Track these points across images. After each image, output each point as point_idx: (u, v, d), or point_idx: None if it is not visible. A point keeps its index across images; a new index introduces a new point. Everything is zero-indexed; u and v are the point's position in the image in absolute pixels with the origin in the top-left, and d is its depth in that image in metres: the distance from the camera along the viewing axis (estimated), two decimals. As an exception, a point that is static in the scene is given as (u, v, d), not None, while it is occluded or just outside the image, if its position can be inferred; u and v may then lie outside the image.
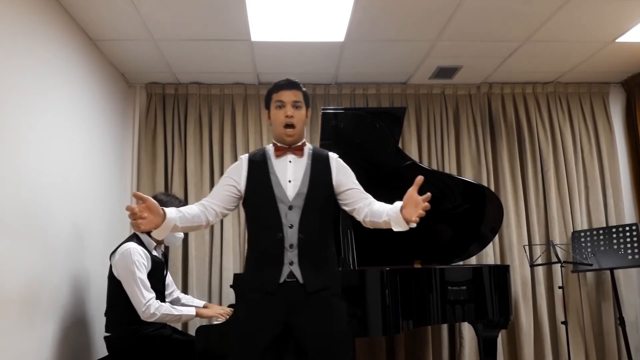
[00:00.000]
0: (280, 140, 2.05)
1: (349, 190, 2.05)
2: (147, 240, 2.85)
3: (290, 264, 1.93)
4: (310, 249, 1.95)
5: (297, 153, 2.05)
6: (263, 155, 2.08)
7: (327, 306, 1.94)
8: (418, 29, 3.33)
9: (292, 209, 1.96)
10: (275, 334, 1.90)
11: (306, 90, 2.14)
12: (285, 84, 2.06)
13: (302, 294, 1.92)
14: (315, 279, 1.93)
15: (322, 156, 2.09)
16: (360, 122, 3.04)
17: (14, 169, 2.38)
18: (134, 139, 4.12)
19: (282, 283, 1.92)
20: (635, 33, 3.48)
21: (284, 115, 2.01)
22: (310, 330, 1.90)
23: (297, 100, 2.04)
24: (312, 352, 1.90)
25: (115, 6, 2.95)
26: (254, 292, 1.96)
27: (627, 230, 3.75)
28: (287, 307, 1.91)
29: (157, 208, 1.81)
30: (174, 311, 2.73)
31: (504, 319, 3.03)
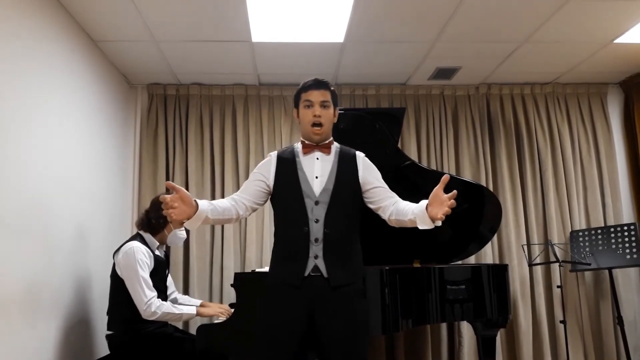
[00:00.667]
0: (308, 138, 2.11)
1: (374, 188, 2.10)
2: (150, 240, 2.87)
3: (315, 258, 1.98)
4: (335, 243, 2.00)
5: (324, 151, 2.10)
6: (292, 152, 2.13)
7: (350, 304, 1.98)
8: (417, 30, 3.36)
9: (319, 204, 2.01)
10: (302, 326, 1.94)
11: (335, 89, 2.19)
12: (314, 84, 2.11)
13: (327, 288, 1.96)
14: (339, 274, 1.98)
15: (349, 154, 2.14)
16: (359, 123, 3.05)
17: (16, 169, 2.40)
18: (136, 140, 4.14)
19: (306, 277, 1.97)
20: (634, 34, 3.49)
21: (312, 114, 2.07)
22: (332, 327, 1.94)
23: (325, 100, 2.10)
24: (332, 348, 1.94)
25: (116, 7, 2.97)
26: (279, 285, 2.00)
27: (625, 229, 3.76)
28: (311, 301, 1.95)
29: (189, 199, 1.86)
30: (175, 310, 2.75)
31: (502, 318, 3.05)
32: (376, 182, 2.12)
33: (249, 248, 4.00)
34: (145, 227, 2.88)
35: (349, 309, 1.97)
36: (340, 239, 2.02)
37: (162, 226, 2.88)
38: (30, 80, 2.55)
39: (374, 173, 2.14)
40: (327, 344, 1.94)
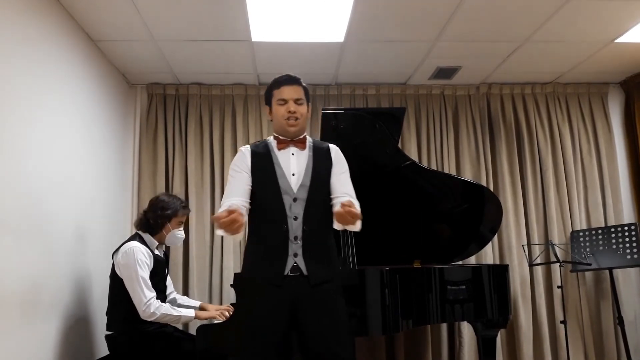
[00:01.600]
0: (283, 132, 2.06)
1: (333, 181, 2.06)
2: (149, 240, 2.86)
3: (294, 256, 1.96)
4: (314, 240, 1.98)
5: (299, 146, 2.07)
6: (266, 147, 2.09)
7: (331, 301, 1.97)
8: (417, 29, 3.35)
9: (297, 200, 1.99)
10: (282, 326, 1.93)
11: (307, 86, 2.15)
12: (287, 80, 2.07)
13: (307, 286, 1.94)
14: (318, 271, 1.96)
15: (323, 148, 2.11)
16: (360, 123, 3.05)
17: (16, 170, 2.39)
18: (135, 139, 4.13)
19: (286, 275, 1.95)
20: (634, 34, 3.49)
21: (287, 110, 2.03)
22: (315, 323, 1.93)
23: (299, 98, 2.06)
24: (317, 345, 1.92)
25: (116, 7, 2.96)
26: (260, 285, 1.97)
27: (625, 230, 3.76)
28: (291, 300, 1.94)
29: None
30: (174, 312, 2.74)
31: (503, 319, 3.05)
32: (338, 174, 2.07)
33: (249, 248, 3.98)
34: (144, 227, 2.88)
35: (330, 307, 1.96)
36: (319, 235, 2.00)
37: (160, 226, 2.88)
38: (29, 80, 2.54)
39: (341, 166, 2.10)
40: (311, 343, 1.93)
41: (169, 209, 2.87)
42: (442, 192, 3.32)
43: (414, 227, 3.33)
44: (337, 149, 2.15)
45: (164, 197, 2.93)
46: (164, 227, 2.88)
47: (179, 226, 2.95)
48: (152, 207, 2.89)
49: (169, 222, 2.88)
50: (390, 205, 3.27)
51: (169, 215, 2.87)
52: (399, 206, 3.29)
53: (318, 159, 2.05)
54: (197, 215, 3.97)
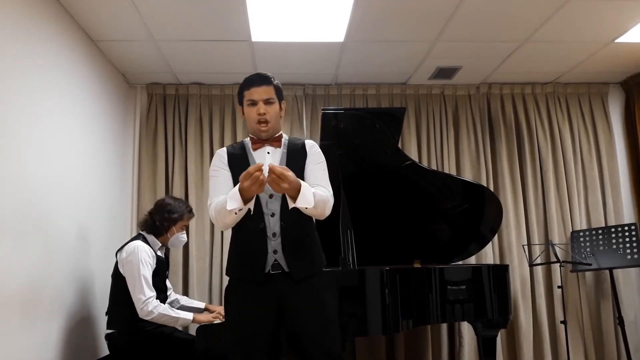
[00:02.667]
0: (256, 135, 2.06)
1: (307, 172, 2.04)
2: (153, 241, 2.88)
3: (274, 253, 1.95)
4: (293, 236, 1.97)
5: (274, 144, 2.06)
6: (242, 148, 2.09)
7: (316, 296, 1.96)
8: (418, 29, 3.35)
9: (273, 197, 1.97)
10: (269, 325, 1.92)
11: (279, 84, 2.10)
12: (256, 80, 2.02)
13: (290, 283, 1.93)
14: (300, 267, 1.95)
15: (298, 144, 2.10)
16: (360, 123, 3.04)
17: (16, 170, 2.39)
18: (135, 140, 4.13)
19: (267, 273, 1.94)
20: (634, 33, 3.49)
21: (257, 113, 2.00)
22: (301, 318, 1.92)
23: (269, 98, 2.02)
24: (304, 340, 1.92)
25: (116, 7, 2.96)
26: (243, 284, 1.97)
27: (626, 230, 3.76)
28: (276, 298, 1.93)
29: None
30: (172, 313, 2.74)
31: (503, 319, 3.04)
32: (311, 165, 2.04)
33: (249, 248, 3.98)
34: (149, 228, 2.89)
35: (316, 302, 1.95)
36: (298, 231, 1.99)
37: (165, 229, 2.89)
38: (29, 80, 2.54)
39: (315, 158, 2.07)
40: (298, 339, 1.93)
41: (176, 212, 2.89)
42: (442, 192, 3.32)
43: (414, 227, 3.33)
44: (313, 143, 2.13)
45: (171, 201, 2.95)
46: (168, 230, 2.90)
47: (183, 230, 2.97)
48: (159, 209, 2.90)
49: (174, 226, 2.91)
50: (390, 205, 3.27)
51: (175, 219, 2.89)
52: (399, 206, 3.29)
53: (292, 155, 2.04)
54: (197, 216, 3.96)
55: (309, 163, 2.05)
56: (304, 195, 1.83)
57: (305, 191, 1.84)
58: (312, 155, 2.08)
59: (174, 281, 3.77)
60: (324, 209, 1.94)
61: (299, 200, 1.83)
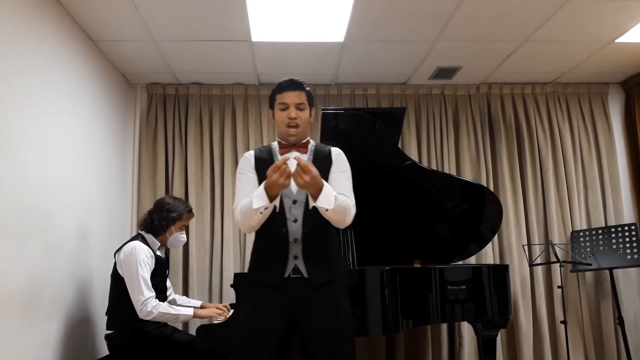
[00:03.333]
0: (284, 139, 2.08)
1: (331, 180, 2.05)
2: (152, 240, 2.88)
3: (294, 259, 1.96)
4: (314, 243, 1.98)
5: (301, 150, 2.07)
6: (269, 152, 2.11)
7: (332, 301, 1.96)
8: (418, 29, 3.35)
9: (296, 203, 1.99)
10: (283, 328, 1.93)
11: (311, 90, 2.14)
12: (289, 85, 2.06)
13: (307, 288, 1.94)
14: (319, 273, 1.96)
15: (324, 152, 2.11)
16: (360, 123, 3.05)
17: (15, 170, 2.39)
18: (135, 140, 4.13)
19: (287, 278, 1.95)
20: (634, 33, 3.49)
21: (287, 117, 2.03)
22: (316, 325, 1.93)
23: (301, 103, 2.05)
24: (316, 347, 1.92)
25: (116, 7, 2.96)
26: (260, 287, 1.98)
27: (626, 230, 3.76)
28: (292, 302, 1.94)
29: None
30: (172, 310, 2.75)
31: (503, 319, 3.04)
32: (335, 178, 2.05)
33: (249, 248, 3.97)
34: (148, 228, 2.89)
35: (331, 308, 1.95)
36: (319, 237, 2.00)
37: (164, 228, 2.89)
38: (29, 80, 2.54)
39: (340, 166, 2.09)
40: (311, 344, 1.93)
41: (174, 212, 2.89)
42: (442, 192, 3.32)
43: (414, 227, 3.33)
44: (340, 151, 2.14)
45: (170, 200, 2.95)
46: (167, 229, 2.90)
47: (182, 230, 2.97)
48: (158, 208, 2.90)
49: (172, 225, 2.90)
50: (390, 205, 3.27)
51: (174, 218, 2.89)
52: (399, 206, 3.29)
53: (318, 162, 2.04)
54: (197, 216, 3.96)
55: (334, 171, 2.06)
56: (326, 194, 1.84)
57: (328, 191, 1.85)
58: (338, 163, 2.09)
59: (174, 281, 3.77)
60: (345, 215, 1.94)
61: (320, 199, 1.84)
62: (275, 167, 1.78)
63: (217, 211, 4.04)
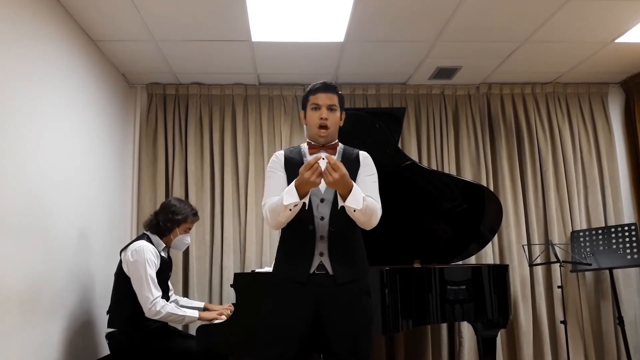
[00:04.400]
0: (314, 139, 2.12)
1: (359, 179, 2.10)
2: (157, 241, 2.89)
3: (320, 255, 2.00)
4: (340, 241, 2.02)
5: (330, 151, 2.12)
6: (299, 152, 2.16)
7: (356, 301, 1.99)
8: (417, 29, 3.35)
9: (324, 201, 2.04)
10: (307, 323, 1.96)
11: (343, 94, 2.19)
12: (322, 87, 2.11)
13: (332, 285, 1.97)
14: (344, 271, 1.99)
15: (352, 154, 2.17)
16: (360, 123, 3.04)
17: (15, 170, 2.39)
18: (135, 139, 4.14)
19: (312, 274, 1.98)
20: (635, 33, 3.49)
21: (319, 117, 2.07)
22: (338, 323, 1.95)
23: (333, 104, 2.10)
24: (338, 343, 1.95)
25: (116, 7, 2.96)
26: (285, 282, 2.01)
27: (626, 230, 3.76)
28: (316, 298, 1.97)
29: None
30: (179, 312, 2.77)
31: (503, 319, 3.04)
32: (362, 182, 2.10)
33: (249, 248, 3.99)
34: (153, 228, 2.91)
35: (354, 306, 1.99)
36: (345, 236, 2.04)
37: (169, 230, 2.91)
38: (29, 81, 2.54)
39: (368, 169, 2.16)
40: (333, 340, 1.96)
41: (180, 214, 2.91)
42: (442, 192, 3.32)
43: (414, 227, 3.33)
44: (367, 155, 2.20)
45: (176, 202, 2.97)
46: (172, 231, 2.92)
47: (187, 232, 2.99)
48: (164, 210, 2.93)
49: (177, 227, 2.93)
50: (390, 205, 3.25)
51: (179, 221, 2.91)
52: (399, 206, 3.27)
53: (347, 163, 2.09)
54: (197, 216, 3.97)
55: (361, 174, 2.12)
56: (355, 195, 1.91)
57: (356, 192, 1.92)
58: (365, 166, 2.15)
59: (173, 281, 3.76)
60: (372, 217, 1.99)
61: (349, 199, 1.90)
62: (308, 165, 1.84)
63: (217, 211, 4.04)
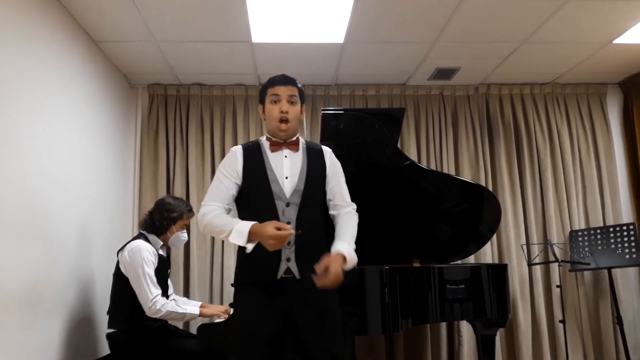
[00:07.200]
0: (275, 134, 2.05)
1: (332, 186, 2.08)
2: (154, 240, 2.90)
3: (287, 261, 1.94)
4: (307, 245, 1.97)
5: (292, 148, 2.05)
6: (258, 148, 2.06)
7: (323, 300, 1.96)
8: (417, 30, 3.36)
9: (290, 205, 1.96)
10: (275, 328, 1.92)
11: (303, 87, 2.14)
12: (281, 79, 2.05)
13: (299, 289, 1.94)
14: (311, 274, 1.93)
15: (316, 150, 2.10)
16: (359, 123, 3.06)
17: (17, 170, 2.40)
18: (136, 140, 4.15)
19: (279, 279, 1.94)
20: (633, 34, 3.50)
21: (279, 110, 2.01)
22: (309, 324, 1.93)
23: (293, 95, 2.04)
24: (311, 345, 1.93)
25: (117, 8, 2.98)
26: (251, 288, 1.97)
27: (624, 229, 3.77)
28: (284, 302, 1.93)
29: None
30: (179, 309, 2.77)
31: (502, 318, 3.06)
32: (334, 180, 2.09)
33: (250, 248, 4.00)
34: (149, 228, 2.91)
35: (323, 307, 1.95)
36: (313, 239, 1.99)
37: (165, 228, 2.91)
38: (30, 81, 2.56)
39: (338, 172, 2.12)
40: (305, 342, 1.93)
41: (175, 211, 2.91)
42: (442, 192, 3.33)
43: (414, 227, 3.34)
44: (330, 150, 2.13)
45: (170, 200, 2.97)
46: (168, 229, 2.92)
47: (183, 229, 2.99)
48: (158, 208, 2.93)
49: (173, 225, 2.93)
50: (390, 205, 3.29)
51: (175, 218, 2.91)
52: (398, 206, 3.30)
53: (312, 162, 2.04)
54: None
55: (331, 176, 2.08)
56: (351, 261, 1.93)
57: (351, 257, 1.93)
58: (333, 164, 2.11)
59: (174, 281, 3.78)
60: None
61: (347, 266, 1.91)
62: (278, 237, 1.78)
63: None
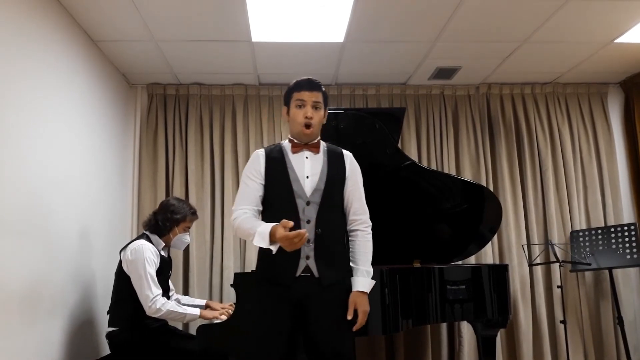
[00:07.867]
0: (298, 137, 2.10)
1: (350, 189, 2.11)
2: (157, 240, 2.90)
3: (306, 258, 1.98)
4: (326, 244, 2.01)
5: (313, 150, 2.10)
6: (280, 150, 2.12)
7: (339, 300, 2.00)
8: (417, 29, 3.35)
9: (310, 204, 2.01)
10: (291, 322, 1.96)
11: (327, 92, 2.18)
12: (307, 85, 2.09)
13: (317, 287, 1.97)
14: (329, 273, 1.99)
15: (336, 153, 2.15)
16: (360, 123, 3.05)
17: (17, 170, 2.40)
18: (135, 140, 4.14)
19: (297, 277, 1.98)
20: (634, 34, 3.49)
21: (304, 115, 2.05)
22: (322, 322, 1.96)
23: (317, 102, 2.08)
24: (322, 343, 1.96)
25: (116, 7, 2.97)
26: (269, 285, 2.01)
27: (625, 230, 3.76)
28: (300, 299, 1.97)
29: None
30: (179, 309, 2.77)
31: (502, 318, 3.05)
32: (354, 185, 2.12)
33: (249, 248, 4.00)
34: (152, 228, 2.92)
35: (338, 307, 1.99)
36: (331, 238, 2.03)
37: (168, 229, 2.92)
38: (29, 81, 2.55)
39: (357, 176, 2.15)
40: (316, 340, 1.97)
41: (179, 213, 2.92)
42: (442, 192, 3.32)
43: (414, 227, 3.34)
44: (351, 155, 2.18)
45: (175, 202, 2.99)
46: (171, 230, 2.93)
47: (186, 231, 3.00)
48: (162, 209, 2.94)
49: (177, 226, 2.94)
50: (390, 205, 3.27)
51: (178, 220, 2.92)
52: (398, 206, 3.29)
53: (332, 164, 2.09)
54: (197, 215, 3.97)
55: (349, 179, 2.11)
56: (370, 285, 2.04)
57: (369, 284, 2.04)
58: (354, 170, 2.14)
59: (174, 280, 3.76)
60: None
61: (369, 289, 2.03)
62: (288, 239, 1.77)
63: (218, 211, 4.04)
